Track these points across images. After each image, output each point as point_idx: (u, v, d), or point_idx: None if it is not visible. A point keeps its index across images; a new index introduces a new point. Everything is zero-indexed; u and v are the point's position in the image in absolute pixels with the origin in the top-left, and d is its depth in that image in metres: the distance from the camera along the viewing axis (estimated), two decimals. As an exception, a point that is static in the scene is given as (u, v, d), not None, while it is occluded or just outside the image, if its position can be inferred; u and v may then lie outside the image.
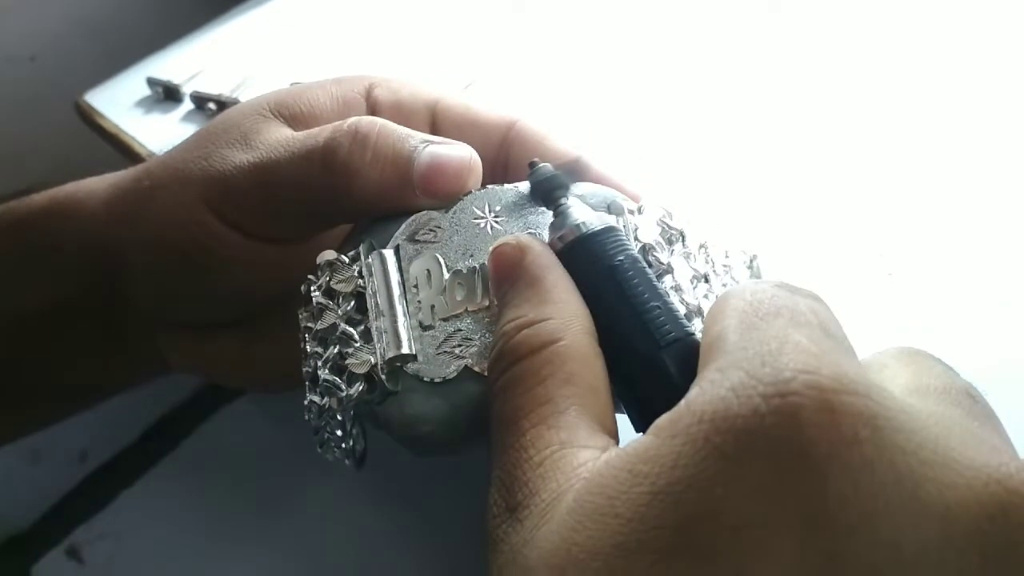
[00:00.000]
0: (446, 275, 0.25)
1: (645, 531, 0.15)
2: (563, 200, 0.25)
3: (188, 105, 0.49)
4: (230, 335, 0.31)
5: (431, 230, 0.26)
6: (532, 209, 0.26)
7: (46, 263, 0.31)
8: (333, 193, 0.27)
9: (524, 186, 0.27)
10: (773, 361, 0.16)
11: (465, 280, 0.25)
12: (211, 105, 0.48)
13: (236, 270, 0.29)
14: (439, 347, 0.24)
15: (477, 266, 0.25)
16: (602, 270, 0.23)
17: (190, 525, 0.55)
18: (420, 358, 0.24)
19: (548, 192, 0.25)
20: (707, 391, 0.16)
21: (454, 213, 0.26)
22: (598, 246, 0.23)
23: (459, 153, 0.26)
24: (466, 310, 0.25)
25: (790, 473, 0.15)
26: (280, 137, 0.28)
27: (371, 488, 0.56)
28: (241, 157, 0.28)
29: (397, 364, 0.24)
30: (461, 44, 0.49)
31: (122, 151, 0.49)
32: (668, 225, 0.27)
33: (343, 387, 0.25)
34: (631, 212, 0.27)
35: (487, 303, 0.25)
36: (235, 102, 0.47)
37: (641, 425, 0.21)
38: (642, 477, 0.16)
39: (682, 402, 0.17)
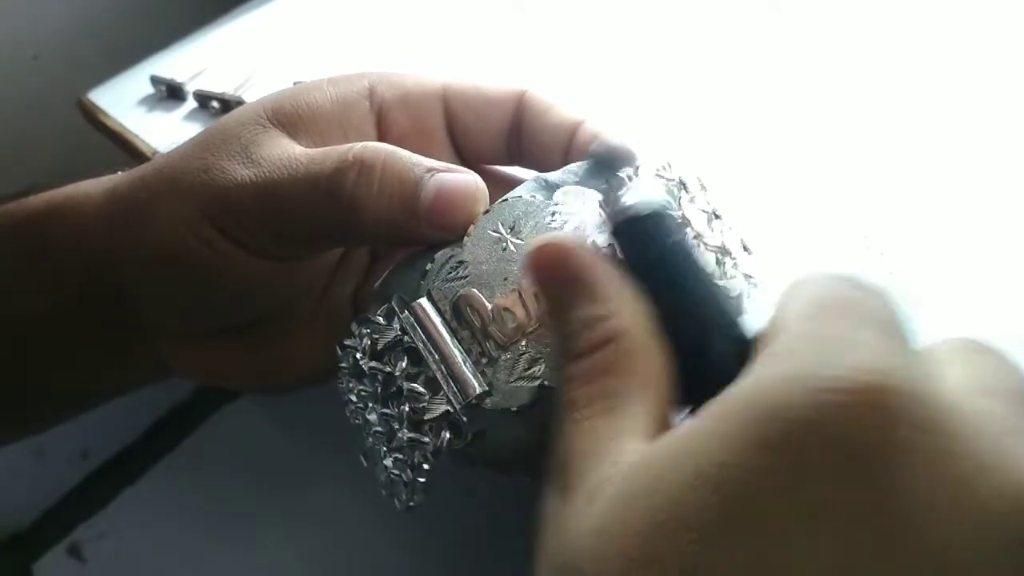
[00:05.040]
0: (489, 306, 0.25)
1: (685, 511, 0.15)
2: (624, 175, 0.25)
3: (191, 103, 0.49)
4: (231, 341, 0.31)
5: (455, 267, 0.25)
6: (542, 212, 0.26)
7: (45, 267, 0.31)
8: (339, 223, 0.26)
9: (524, 189, 0.27)
10: (832, 356, 0.16)
11: (510, 304, 0.25)
12: (214, 104, 0.48)
13: (237, 283, 0.28)
14: (510, 375, 0.24)
15: (517, 288, 0.25)
16: (663, 249, 0.22)
17: (191, 523, 0.55)
18: (495, 391, 0.25)
19: (611, 165, 0.25)
20: (760, 378, 0.16)
21: (472, 243, 0.26)
22: (659, 225, 0.23)
23: (465, 182, 0.26)
24: (523, 333, 0.25)
25: (841, 470, 0.15)
26: (283, 155, 0.27)
27: (370, 489, 0.56)
28: (243, 172, 0.27)
29: (474, 404, 0.25)
30: (461, 44, 0.49)
31: (126, 149, 0.49)
32: (667, 177, 0.27)
33: (427, 439, 0.25)
34: (630, 178, 0.26)
35: (539, 320, 0.25)
36: (238, 100, 0.47)
37: (691, 407, 0.21)
38: (686, 457, 0.16)
39: (733, 386, 0.17)
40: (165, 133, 0.48)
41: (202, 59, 0.52)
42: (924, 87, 0.39)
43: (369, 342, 0.26)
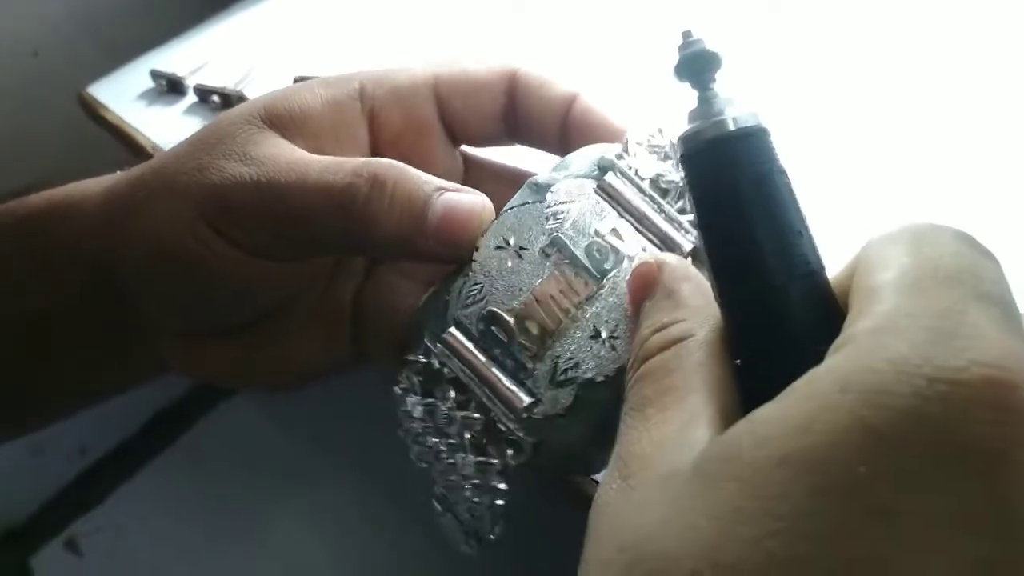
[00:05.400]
0: (511, 320, 0.25)
1: (768, 497, 0.15)
2: (712, 85, 0.21)
3: (192, 98, 0.49)
4: (230, 340, 0.31)
5: (472, 291, 0.26)
6: (539, 217, 0.26)
7: (47, 266, 0.31)
8: (348, 234, 0.27)
9: (517, 198, 0.27)
10: (947, 342, 0.15)
11: (531, 315, 0.25)
12: (215, 98, 0.48)
13: (234, 282, 0.28)
14: (551, 381, 0.25)
15: (532, 297, 0.25)
16: (747, 178, 0.19)
17: (188, 518, 0.55)
18: (540, 401, 0.25)
19: (699, 71, 0.21)
20: (857, 358, 0.15)
21: (481, 264, 0.26)
22: (746, 149, 0.20)
23: (471, 202, 0.27)
24: (551, 338, 0.25)
25: (954, 467, 0.14)
26: (287, 156, 0.28)
27: (367, 486, 0.56)
28: (241, 171, 0.27)
29: (525, 416, 0.25)
30: (461, 43, 0.49)
31: (125, 143, 0.49)
32: (659, 146, 0.27)
33: (495, 460, 0.25)
34: (620, 157, 0.27)
35: (561, 321, 0.25)
36: (239, 95, 0.47)
37: (744, 366, 0.20)
38: (766, 441, 0.15)
39: (821, 366, 0.16)
40: (165, 127, 0.48)
41: (202, 54, 0.52)
42: (923, 87, 0.39)
43: (417, 380, 0.27)
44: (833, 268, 0.20)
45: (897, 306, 0.16)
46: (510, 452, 0.25)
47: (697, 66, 0.21)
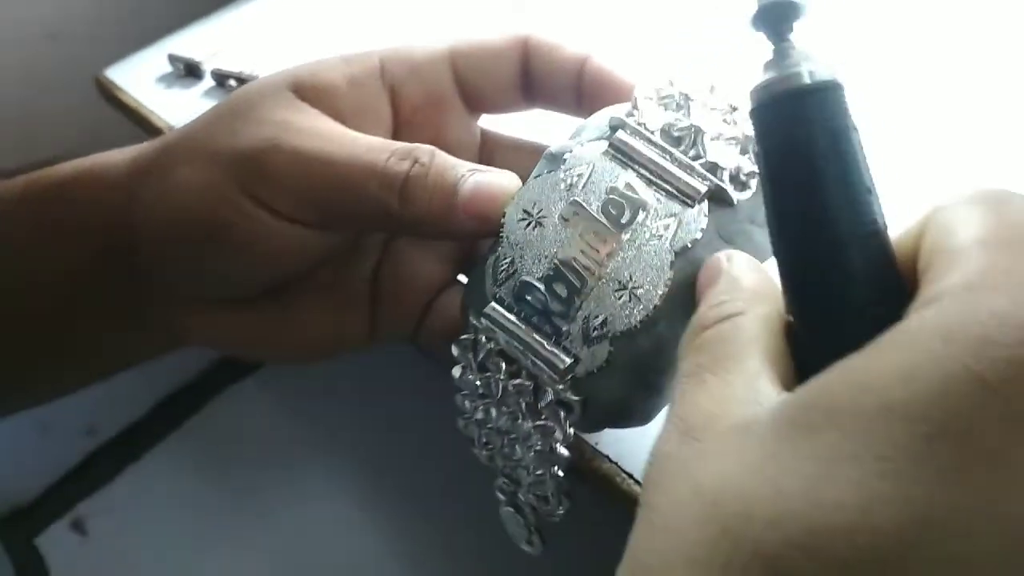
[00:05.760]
0: (541, 287, 0.26)
1: (873, 443, 0.15)
2: (789, 36, 0.21)
3: (209, 82, 0.50)
4: (244, 310, 0.31)
5: (504, 266, 0.27)
6: (557, 184, 0.27)
7: (66, 231, 0.31)
8: (384, 210, 0.27)
9: (536, 169, 0.27)
10: None
11: (559, 278, 0.26)
12: (232, 82, 0.48)
13: (259, 248, 0.29)
14: (584, 340, 0.25)
15: (556, 262, 0.26)
16: (824, 132, 0.19)
17: (194, 502, 0.56)
18: (580, 359, 0.26)
19: (777, 21, 0.21)
20: (959, 311, 0.15)
21: (508, 236, 0.27)
22: (824, 102, 0.20)
23: (499, 175, 0.28)
24: (579, 298, 0.26)
25: None
26: (330, 128, 0.29)
27: (375, 471, 0.56)
28: (282, 137, 0.28)
29: (568, 378, 0.26)
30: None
31: (142, 126, 0.50)
32: (668, 95, 0.27)
33: (552, 424, 0.27)
34: (630, 115, 0.27)
35: (587, 281, 0.26)
36: (256, 79, 0.47)
37: (801, 327, 0.20)
38: (866, 389, 0.15)
39: (913, 317, 0.16)
40: (182, 110, 0.48)
41: (220, 38, 0.52)
42: (923, 87, 0.39)
43: (471, 360, 0.28)
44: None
45: (992, 263, 0.16)
46: (562, 413, 0.26)
47: (776, 15, 0.21)
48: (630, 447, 0.30)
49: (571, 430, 0.26)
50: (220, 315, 0.31)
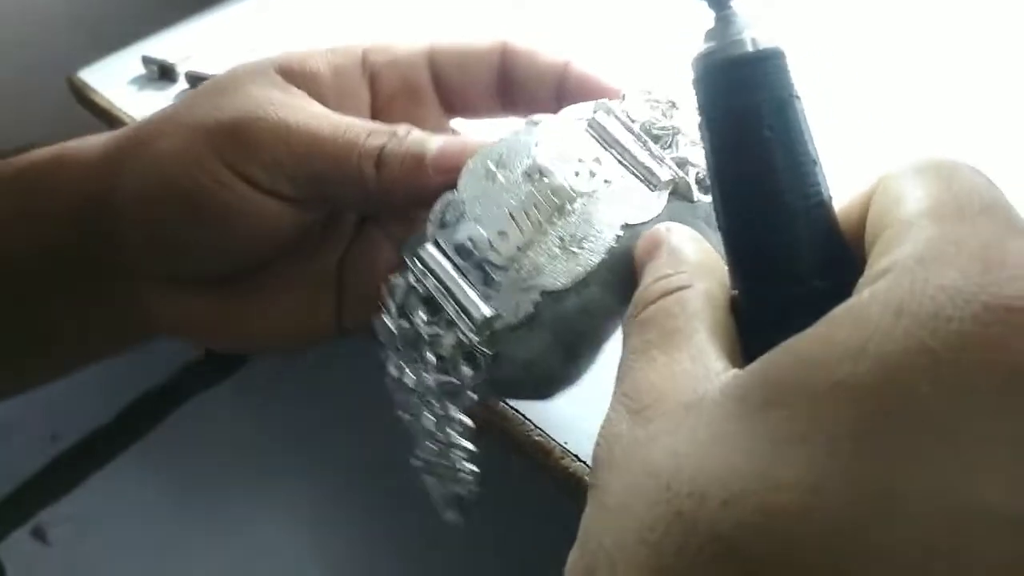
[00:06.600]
0: (485, 234, 0.26)
1: (822, 420, 0.14)
2: (731, 4, 0.20)
3: (182, 84, 0.49)
4: (213, 293, 0.31)
5: (453, 210, 0.27)
6: (527, 145, 0.27)
7: (41, 210, 0.31)
8: (361, 177, 0.28)
9: (510, 131, 0.28)
10: (997, 271, 0.15)
11: (506, 227, 0.26)
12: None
13: (234, 220, 0.29)
14: (513, 292, 0.25)
15: (506, 213, 0.26)
16: (768, 101, 0.19)
17: (158, 511, 0.55)
18: (503, 312, 0.25)
19: None
20: (910, 284, 0.15)
21: (464, 184, 0.27)
22: (769, 71, 0.19)
23: (467, 137, 0.29)
24: (518, 248, 0.25)
25: (1016, 390, 0.14)
26: (314, 107, 0.29)
27: (341, 479, 0.56)
28: (266, 110, 0.28)
29: (487, 332, 0.25)
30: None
31: (115, 128, 0.49)
32: (656, 100, 0.28)
33: (454, 379, 0.25)
34: (618, 104, 0.27)
35: (533, 236, 0.26)
36: (230, 82, 0.47)
37: (746, 299, 0.20)
38: (815, 365, 0.15)
39: (865, 292, 0.16)
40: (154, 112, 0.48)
41: (194, 42, 0.52)
42: (923, 87, 0.40)
43: (392, 303, 0.27)
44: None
45: (940, 234, 0.16)
46: (465, 366, 0.25)
47: None
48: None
49: (473, 394, 0.25)
50: (190, 299, 0.31)
